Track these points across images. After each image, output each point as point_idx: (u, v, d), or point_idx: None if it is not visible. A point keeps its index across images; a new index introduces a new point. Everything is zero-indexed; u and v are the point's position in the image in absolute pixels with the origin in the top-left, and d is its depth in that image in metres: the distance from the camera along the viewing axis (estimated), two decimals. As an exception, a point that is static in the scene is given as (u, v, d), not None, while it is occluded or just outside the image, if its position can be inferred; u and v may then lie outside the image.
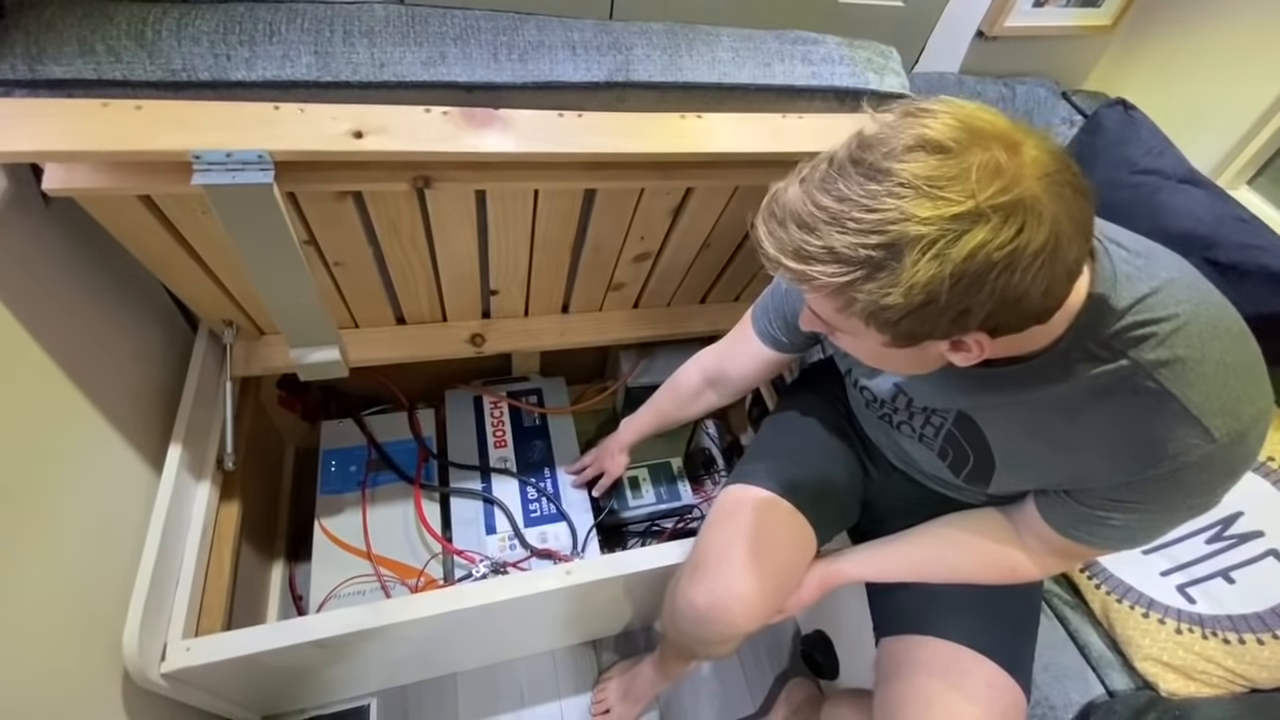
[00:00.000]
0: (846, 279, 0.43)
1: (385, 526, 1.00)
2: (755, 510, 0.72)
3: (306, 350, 0.73)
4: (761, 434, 0.86)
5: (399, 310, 0.94)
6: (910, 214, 0.41)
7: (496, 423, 1.14)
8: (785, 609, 0.71)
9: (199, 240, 0.70)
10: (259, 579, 1.01)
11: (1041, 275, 0.42)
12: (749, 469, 0.78)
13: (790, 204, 0.46)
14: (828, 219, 0.43)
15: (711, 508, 0.77)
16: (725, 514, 0.73)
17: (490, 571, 0.94)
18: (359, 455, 1.07)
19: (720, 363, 0.84)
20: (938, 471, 0.70)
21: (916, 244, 0.41)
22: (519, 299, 0.97)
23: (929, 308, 0.43)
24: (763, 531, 0.69)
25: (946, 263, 0.41)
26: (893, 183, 0.42)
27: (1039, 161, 0.41)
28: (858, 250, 0.42)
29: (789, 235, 0.45)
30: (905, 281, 0.42)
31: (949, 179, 0.41)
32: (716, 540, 0.70)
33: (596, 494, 1.06)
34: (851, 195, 0.43)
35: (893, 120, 0.45)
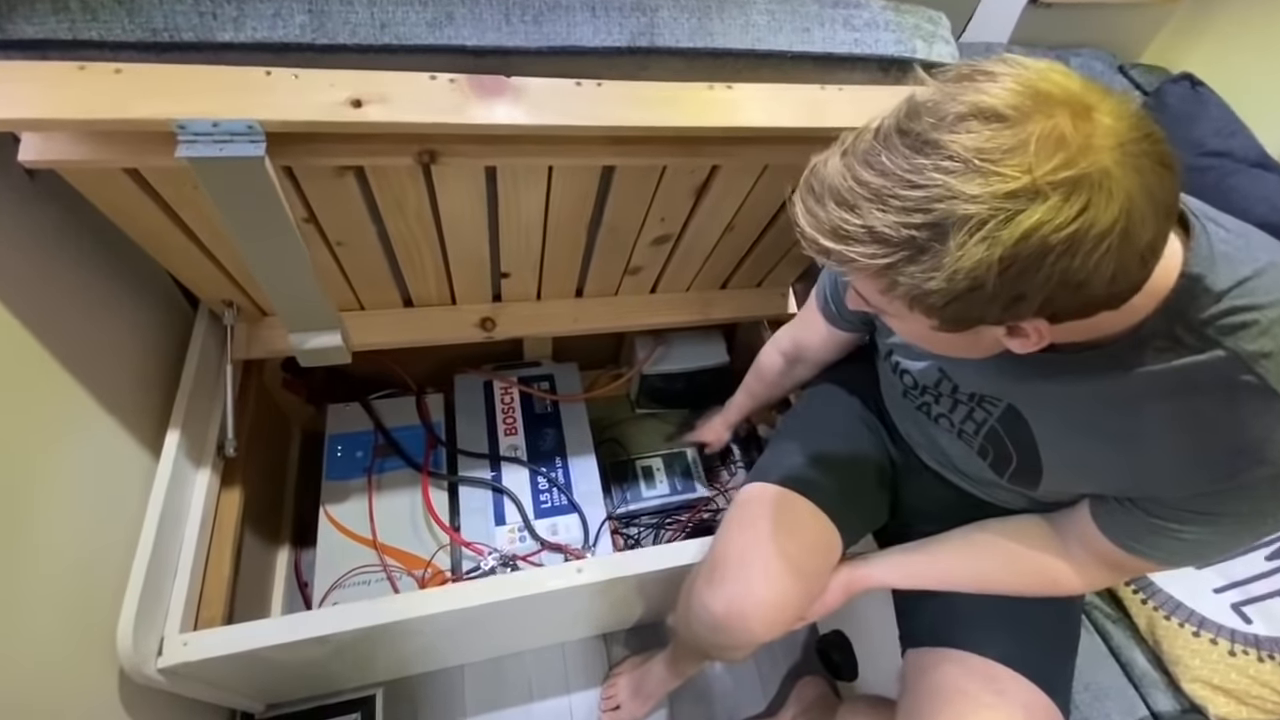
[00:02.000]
0: (887, 261, 0.39)
1: (392, 515, 0.97)
2: (777, 510, 0.67)
3: (306, 335, 0.69)
4: (784, 428, 0.81)
5: (406, 292, 0.90)
6: (957, 191, 0.36)
7: (507, 409, 1.10)
8: (807, 615, 0.67)
9: (193, 217, 0.66)
10: (263, 565, 0.99)
11: (1107, 260, 0.37)
12: (771, 466, 0.73)
13: (830, 178, 0.41)
14: (869, 195, 0.39)
15: (730, 506, 0.72)
16: (745, 514, 0.69)
17: (499, 565, 0.91)
18: (366, 440, 1.04)
19: (795, 341, 0.82)
20: (976, 471, 0.65)
21: (963, 225, 0.36)
22: (531, 282, 0.92)
23: (976, 294, 0.38)
24: (785, 534, 0.65)
25: (996, 245, 0.36)
26: (940, 156, 0.37)
27: (1113, 130, 0.36)
28: (899, 230, 0.38)
29: (827, 213, 0.41)
30: (949, 266, 0.37)
31: (1004, 151, 0.36)
32: (736, 542, 0.66)
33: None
34: (895, 169, 0.38)
35: (947, 84, 0.39)
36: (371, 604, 0.72)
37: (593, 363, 1.28)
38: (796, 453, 0.73)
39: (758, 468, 0.75)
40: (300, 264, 0.62)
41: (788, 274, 1.07)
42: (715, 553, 0.67)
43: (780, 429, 0.81)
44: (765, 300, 1.09)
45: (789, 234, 0.93)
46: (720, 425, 1.06)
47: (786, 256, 0.99)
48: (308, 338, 0.69)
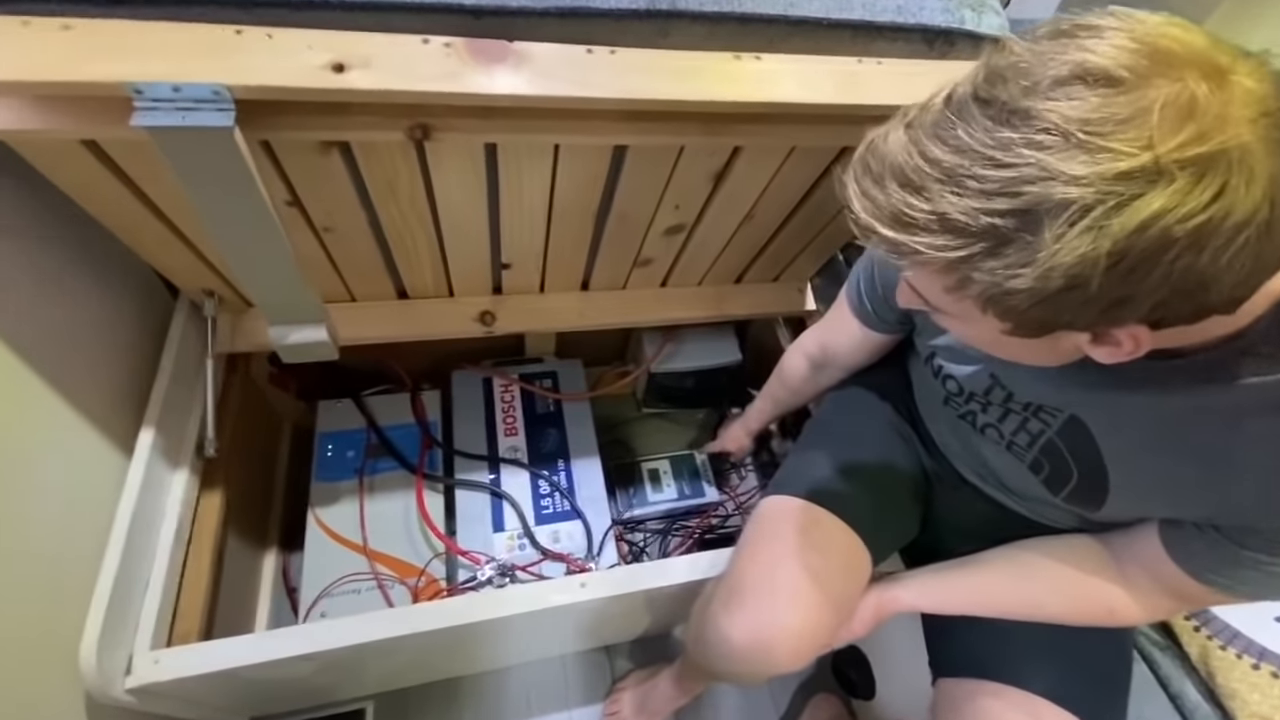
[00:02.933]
0: (960, 254, 0.34)
1: (384, 519, 0.91)
2: (802, 527, 0.62)
3: (288, 329, 0.63)
4: (808, 435, 0.75)
5: (400, 284, 0.84)
6: (1056, 171, 0.30)
7: (507, 408, 1.04)
8: (833, 642, 0.62)
9: (163, 196, 0.60)
10: (248, 571, 0.94)
11: (1243, 256, 0.31)
12: (793, 478, 0.67)
13: (892, 155, 0.36)
14: (940, 176, 0.33)
15: (749, 522, 0.67)
16: (767, 531, 0.63)
17: (496, 575, 0.85)
18: (358, 439, 0.98)
19: (822, 345, 0.76)
20: (1025, 488, 0.59)
21: (1062, 212, 0.30)
22: (534, 274, 0.86)
23: (1072, 294, 0.32)
24: (812, 554, 0.59)
25: (1104, 238, 0.30)
26: (1034, 128, 0.31)
27: (1254, 96, 0.30)
28: (978, 218, 0.32)
29: (887, 196, 0.35)
30: (1043, 261, 0.31)
31: (1118, 122, 0.30)
32: (757, 562, 0.60)
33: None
34: (974, 145, 0.33)
35: (1040, 43, 0.33)
36: (359, 620, 0.67)
37: (598, 360, 1.22)
38: (822, 463, 0.67)
39: (778, 480, 0.69)
40: (279, 252, 0.56)
41: (807, 268, 1.01)
42: (734, 574, 0.61)
43: (803, 438, 0.75)
44: (782, 296, 1.03)
45: (811, 224, 0.87)
46: (741, 433, 1.00)
47: (807, 249, 0.92)
48: (289, 332, 0.63)
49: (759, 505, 0.68)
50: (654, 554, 1.08)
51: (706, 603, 0.64)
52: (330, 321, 0.67)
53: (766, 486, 1.16)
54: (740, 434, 1.00)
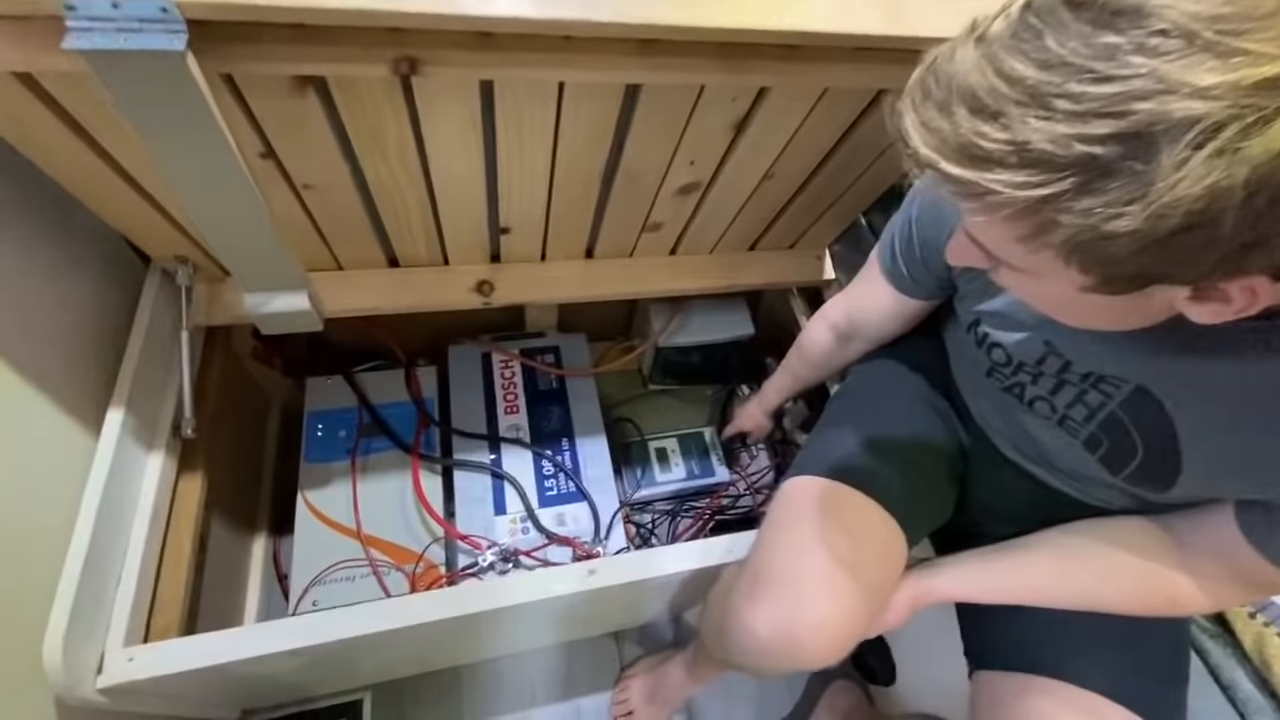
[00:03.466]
0: (1046, 192, 0.28)
1: (378, 502, 0.86)
2: (831, 510, 0.56)
3: (265, 296, 0.57)
4: (833, 411, 0.70)
5: (390, 250, 0.77)
6: (1177, 81, 0.25)
7: (507, 384, 0.99)
8: (865, 635, 0.57)
9: (118, 145, 0.53)
10: (236, 557, 0.89)
11: None
12: (820, 456, 0.62)
13: (960, 75, 0.30)
14: (1022, 97, 0.28)
15: (772, 505, 0.61)
16: (792, 514, 0.58)
17: (498, 560, 0.80)
18: (349, 418, 0.92)
19: (849, 315, 0.70)
20: (1077, 466, 0.54)
21: (1185, 132, 0.25)
22: (535, 240, 0.80)
23: (1191, 237, 0.27)
24: (842, 538, 0.54)
25: (1240, 164, 0.25)
26: (1146, 29, 0.26)
27: None
28: (1071, 146, 0.27)
29: (954, 125, 0.30)
30: (1158, 196, 0.26)
31: (1259, 17, 0.24)
32: (784, 549, 0.55)
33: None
34: (1067, 56, 0.27)
35: None
36: (350, 613, 0.62)
37: (602, 334, 1.16)
38: (849, 440, 0.62)
39: (802, 459, 0.63)
40: (251, 209, 0.50)
41: (826, 234, 0.94)
42: (757, 561, 0.56)
43: (828, 413, 0.69)
44: (798, 264, 0.97)
45: (836, 184, 0.80)
46: (759, 412, 0.95)
47: (829, 212, 0.86)
48: (267, 299, 0.57)
49: (781, 487, 0.62)
50: (663, 536, 1.03)
51: (726, 592, 0.59)
52: (313, 289, 0.60)
53: (787, 466, 1.13)
54: (758, 413, 0.95)
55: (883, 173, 0.79)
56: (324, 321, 0.69)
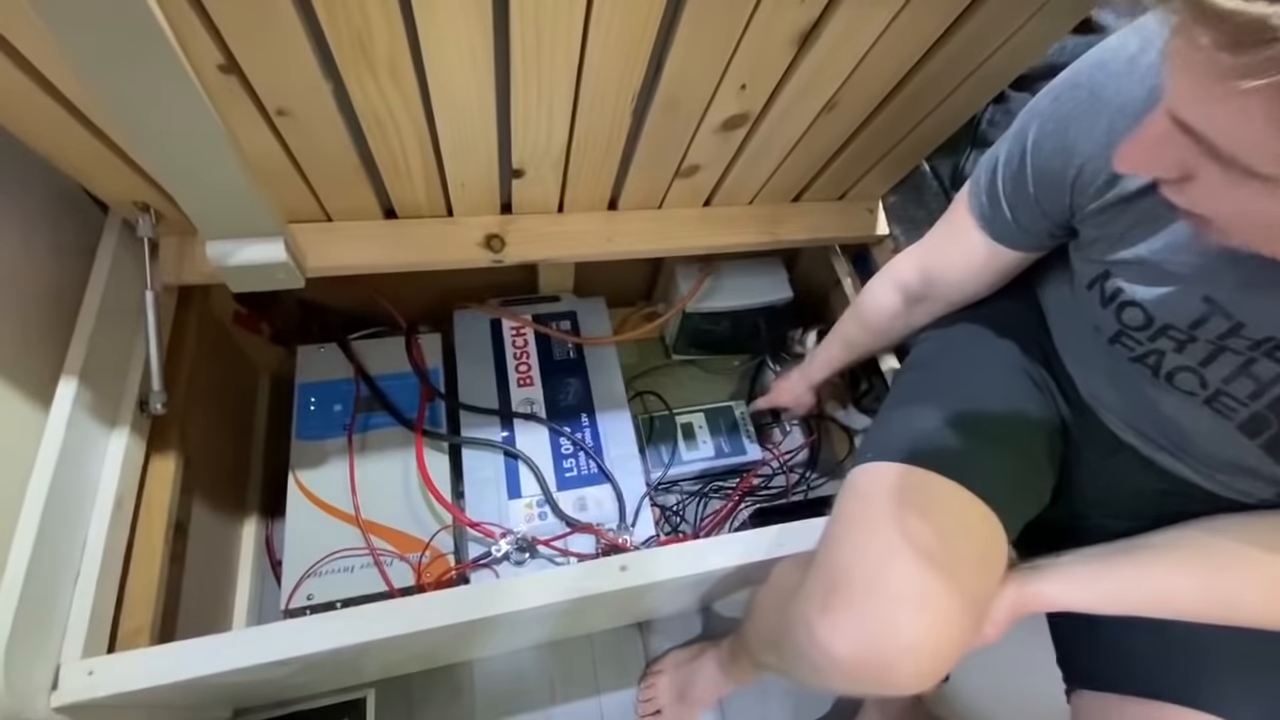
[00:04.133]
0: None
1: (379, 484, 0.77)
2: (918, 502, 0.47)
3: (231, 244, 0.47)
4: (907, 383, 0.59)
5: (386, 197, 0.67)
6: None
7: (520, 353, 0.89)
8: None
9: (41, 56, 0.42)
10: (223, 543, 0.80)
11: None
12: (898, 436, 0.52)
13: None
14: None
15: (843, 495, 0.52)
16: (872, 508, 0.48)
17: (514, 549, 0.72)
18: (345, 391, 0.83)
19: (926, 271, 0.59)
20: (1222, 452, 0.44)
21: None
22: (552, 184, 0.69)
23: None
24: (936, 537, 0.44)
25: None
26: None
27: None
28: None
29: None
30: None
31: None
32: (864, 551, 0.46)
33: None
34: None
35: None
36: (347, 617, 0.53)
37: (620, 299, 1.06)
38: (932, 417, 0.52)
39: (876, 441, 0.54)
40: (205, 131, 0.39)
41: (880, 183, 0.83)
42: (831, 564, 0.47)
43: (902, 386, 0.59)
44: (848, 218, 0.86)
45: (905, 119, 0.68)
46: (801, 385, 0.85)
47: (889, 156, 0.75)
48: (234, 248, 0.47)
49: (851, 475, 0.53)
50: (690, 519, 0.95)
51: (786, 597, 0.50)
52: (291, 237, 0.50)
53: (821, 444, 1.04)
54: (800, 386, 0.85)
55: (961, 106, 0.67)
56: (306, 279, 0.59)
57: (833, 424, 1.04)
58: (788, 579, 0.55)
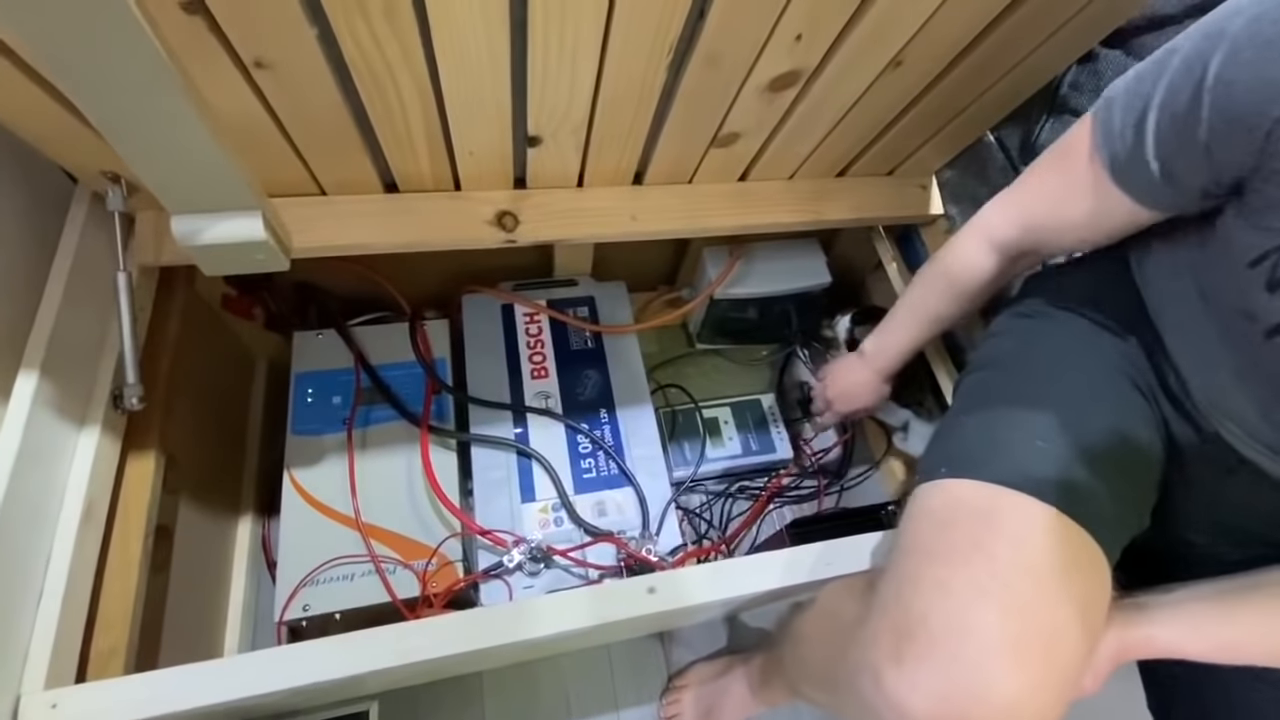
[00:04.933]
0: None
1: (381, 484, 0.71)
2: (1012, 532, 0.39)
3: (200, 220, 0.40)
4: (982, 383, 0.51)
5: (385, 167, 0.59)
6: None
7: (534, 342, 0.82)
8: None
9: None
10: (215, 545, 0.75)
11: None
12: (977, 450, 0.44)
13: None
14: None
15: (911, 519, 0.44)
16: (953, 538, 0.40)
17: (527, 559, 0.66)
18: (345, 381, 0.76)
19: (1029, 228, 0.50)
20: None
21: None
22: (572, 155, 0.61)
23: None
24: (1029, 576, 0.37)
25: None
26: None
27: None
28: None
29: None
30: None
31: None
32: (943, 590, 0.38)
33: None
34: None
35: None
36: (345, 646, 0.47)
37: (641, 282, 0.98)
38: (1022, 427, 0.44)
39: (950, 451, 0.46)
40: (154, 72, 0.32)
41: (936, 156, 0.74)
42: (903, 602, 0.39)
43: (973, 387, 0.51)
44: (898, 195, 0.77)
45: (977, 81, 0.59)
46: (876, 379, 0.74)
47: (953, 124, 0.66)
48: (203, 224, 0.40)
49: (919, 494, 0.45)
50: (714, 519, 0.88)
51: (846, 634, 0.43)
52: (272, 211, 0.43)
53: (855, 440, 0.96)
54: (873, 380, 0.74)
55: (1042, 66, 0.58)
56: (298, 260, 0.52)
57: (870, 419, 0.97)
58: (843, 609, 0.48)
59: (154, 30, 0.30)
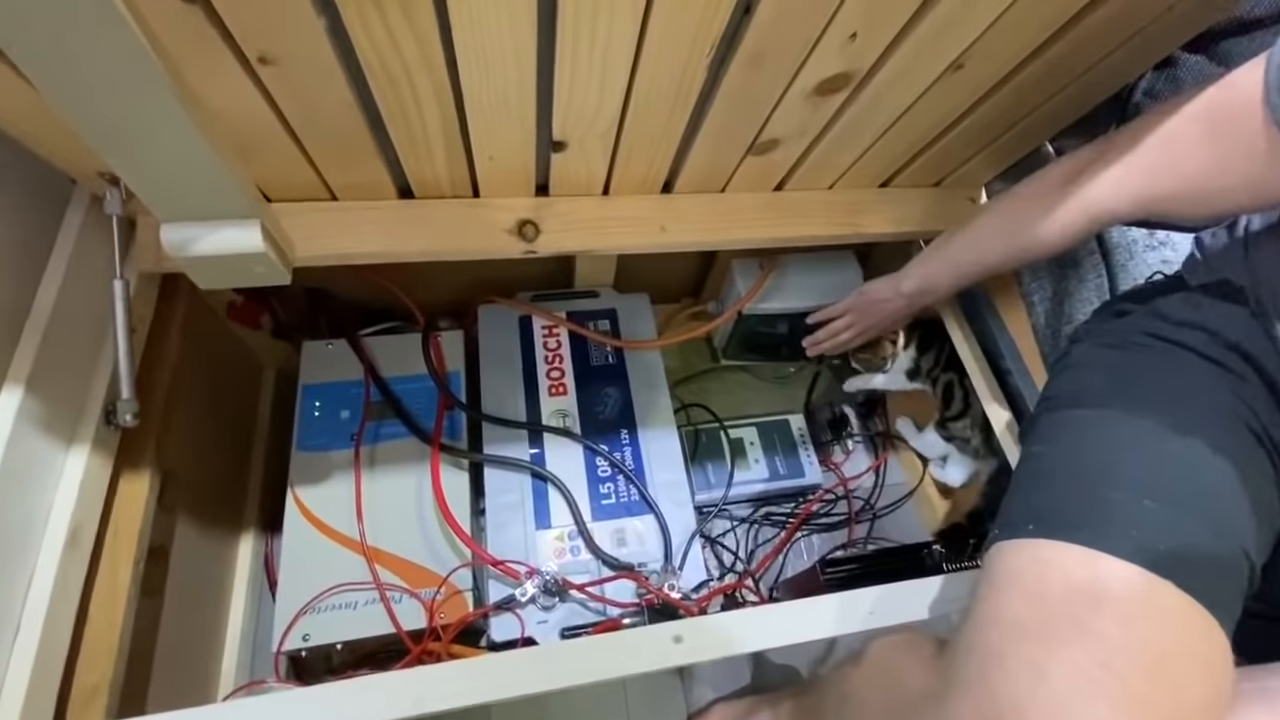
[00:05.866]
0: None
1: (388, 505, 0.67)
2: (1123, 613, 0.33)
3: (192, 229, 0.36)
4: (1078, 423, 0.44)
5: (400, 171, 0.56)
6: None
7: (552, 357, 0.78)
8: None
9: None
10: (214, 566, 0.71)
11: None
12: (1078, 506, 0.39)
13: None
14: None
15: (995, 581, 0.38)
16: (1050, 613, 0.34)
17: (541, 593, 0.61)
18: (354, 394, 0.73)
19: (1159, 197, 0.44)
20: None
21: None
22: (599, 161, 0.57)
23: None
24: (1149, 666, 0.32)
25: None
26: None
27: None
28: None
29: None
30: None
31: None
32: (1043, 675, 0.32)
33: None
34: None
35: None
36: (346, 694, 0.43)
37: (665, 294, 0.94)
38: (1129, 483, 0.38)
39: (1038, 506, 0.39)
40: (135, 66, 0.28)
41: (986, 168, 0.69)
42: (990, 685, 0.33)
43: (1064, 426, 0.44)
44: (943, 208, 0.72)
45: (1046, 83, 0.53)
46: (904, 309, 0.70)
47: (1011, 133, 0.61)
48: (195, 234, 0.36)
49: (1003, 552, 0.39)
50: (738, 547, 0.83)
51: (914, 709, 0.38)
52: (272, 220, 0.39)
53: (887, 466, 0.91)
54: (904, 308, 0.70)
55: (1115, 71, 0.53)
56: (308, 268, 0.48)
57: (902, 442, 0.91)
58: (907, 675, 0.43)
59: (135, 18, 0.26)
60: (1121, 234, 0.60)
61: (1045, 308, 0.65)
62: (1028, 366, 0.70)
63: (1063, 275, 0.64)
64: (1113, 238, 0.61)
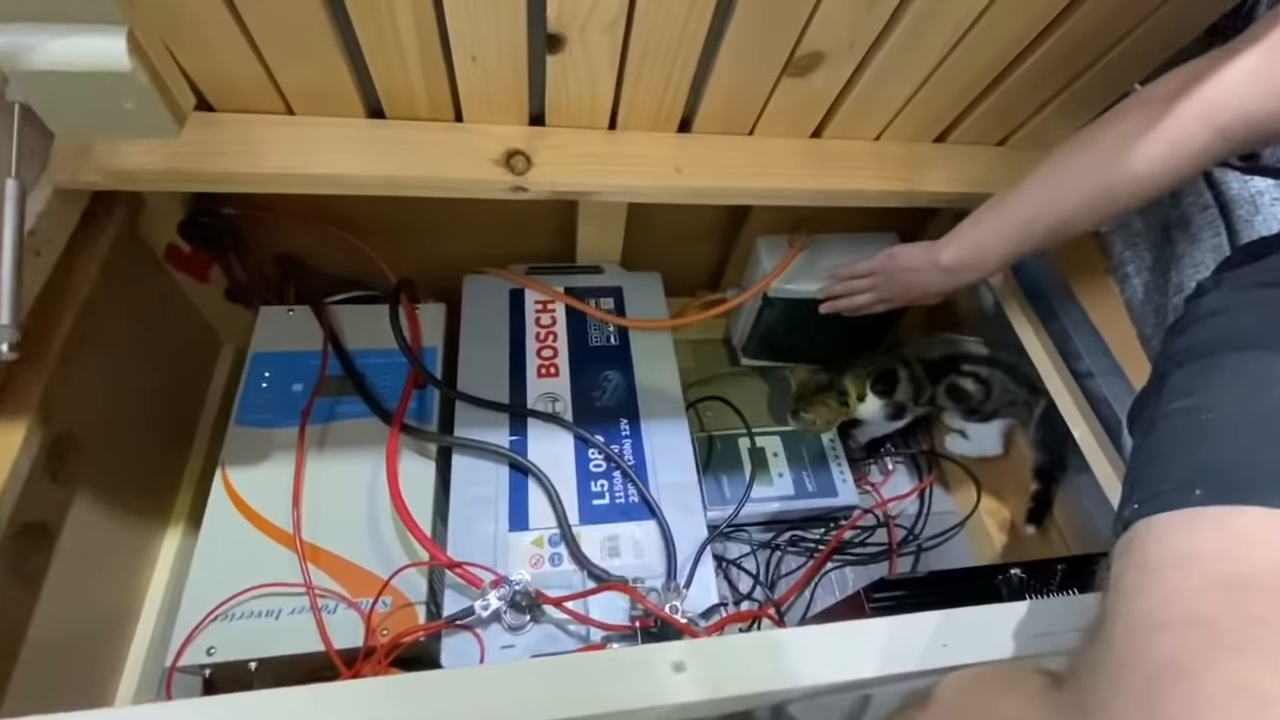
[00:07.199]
0: None
1: (333, 495, 0.55)
2: None
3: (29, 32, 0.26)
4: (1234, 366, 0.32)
5: (367, 81, 0.47)
6: None
7: (544, 334, 0.67)
8: None
9: None
10: (124, 559, 0.59)
11: None
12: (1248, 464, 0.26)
13: None
14: None
15: (1143, 566, 0.26)
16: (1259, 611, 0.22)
17: (507, 608, 0.48)
18: (310, 366, 0.62)
19: (1262, 120, 0.35)
20: None
21: None
22: (604, 71, 0.47)
23: None
24: None
25: None
26: None
27: None
28: None
29: None
30: None
31: None
32: (1265, 700, 0.20)
33: None
34: None
35: None
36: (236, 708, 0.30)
37: (679, 283, 0.83)
38: None
39: (1199, 464, 0.27)
40: None
41: (1059, 123, 0.59)
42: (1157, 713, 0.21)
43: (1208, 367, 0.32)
44: (1009, 170, 0.61)
45: (1134, 7, 0.44)
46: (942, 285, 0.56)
47: (1088, 74, 0.51)
48: (35, 39, 0.26)
49: (1156, 529, 0.26)
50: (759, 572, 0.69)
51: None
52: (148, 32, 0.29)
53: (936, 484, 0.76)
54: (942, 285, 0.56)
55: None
56: (257, 208, 0.39)
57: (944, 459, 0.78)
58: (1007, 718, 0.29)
59: None
60: (1243, 185, 0.49)
61: (1144, 279, 0.53)
62: (1119, 364, 0.57)
63: (1167, 239, 0.52)
64: (1232, 188, 0.49)
